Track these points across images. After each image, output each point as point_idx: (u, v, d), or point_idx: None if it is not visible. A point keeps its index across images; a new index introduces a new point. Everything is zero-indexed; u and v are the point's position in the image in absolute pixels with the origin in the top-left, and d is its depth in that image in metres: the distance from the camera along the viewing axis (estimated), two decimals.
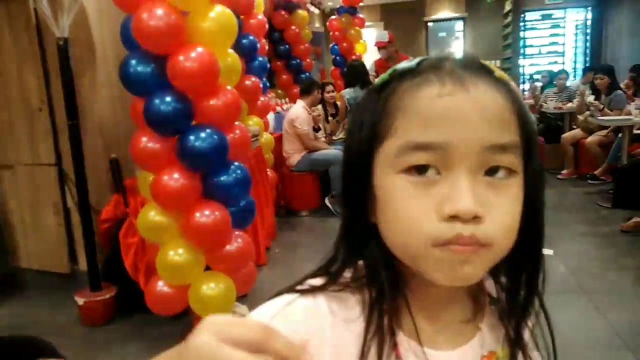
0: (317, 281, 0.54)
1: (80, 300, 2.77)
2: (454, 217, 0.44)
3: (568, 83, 6.87)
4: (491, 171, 0.46)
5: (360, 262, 0.54)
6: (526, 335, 0.56)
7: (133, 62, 2.28)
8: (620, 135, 4.78)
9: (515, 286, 0.54)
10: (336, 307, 0.51)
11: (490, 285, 0.57)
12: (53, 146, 3.11)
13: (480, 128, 0.45)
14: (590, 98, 5.31)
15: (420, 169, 0.46)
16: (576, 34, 10.77)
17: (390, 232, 0.49)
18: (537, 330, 0.57)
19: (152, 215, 2.39)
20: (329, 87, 5.46)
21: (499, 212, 0.45)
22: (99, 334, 2.72)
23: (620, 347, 2.39)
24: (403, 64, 0.50)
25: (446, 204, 0.44)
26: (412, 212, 0.46)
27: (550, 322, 0.57)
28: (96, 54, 3.09)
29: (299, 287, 0.53)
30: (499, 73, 0.49)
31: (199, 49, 2.26)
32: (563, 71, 7.11)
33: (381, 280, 0.50)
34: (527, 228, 0.49)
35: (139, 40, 2.23)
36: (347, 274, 0.54)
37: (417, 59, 0.50)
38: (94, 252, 2.84)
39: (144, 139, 2.35)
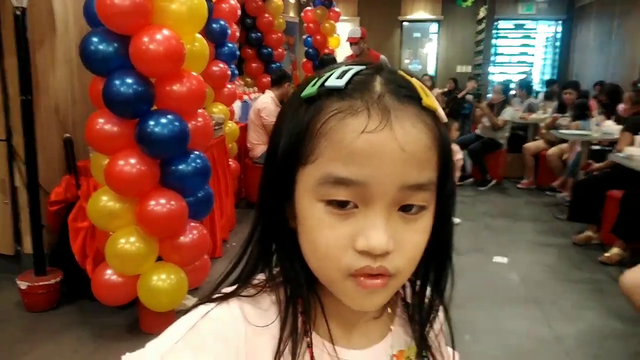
0: (229, 288, 0.54)
1: (23, 284, 2.64)
2: (365, 251, 0.45)
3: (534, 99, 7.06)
4: (404, 207, 0.47)
5: (274, 263, 0.55)
6: (432, 335, 0.59)
7: (95, 39, 2.18)
8: (579, 150, 4.91)
9: (423, 290, 0.57)
10: (251, 311, 0.51)
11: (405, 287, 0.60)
12: (4, 121, 2.94)
13: (400, 168, 0.45)
14: (562, 120, 5.42)
15: (340, 203, 0.46)
16: (546, 46, 11.04)
17: (307, 254, 0.50)
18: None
19: (104, 201, 2.29)
20: None
21: (408, 245, 0.47)
22: (42, 320, 2.60)
23: (563, 357, 2.45)
24: (332, 81, 0.46)
25: (360, 239, 0.45)
26: (329, 242, 0.46)
27: (451, 328, 0.60)
28: (57, 28, 2.94)
29: (213, 296, 0.52)
30: (426, 101, 0.47)
31: (165, 32, 2.18)
32: (523, 85, 7.29)
33: (297, 279, 0.51)
34: (436, 243, 0.51)
35: (102, 17, 2.13)
36: (261, 276, 0.54)
37: (348, 75, 0.47)
38: (40, 235, 2.71)
39: (101, 120, 2.25)
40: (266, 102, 4.63)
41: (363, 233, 0.45)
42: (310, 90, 0.47)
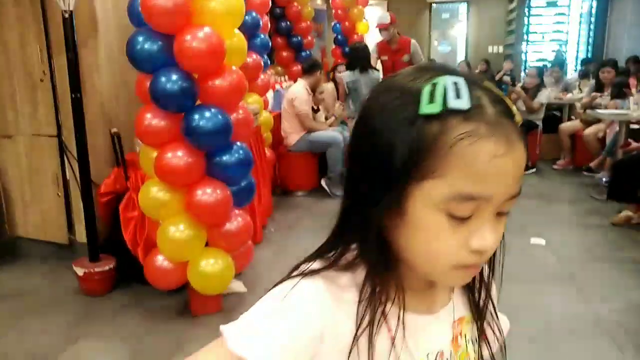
0: (316, 265, 0.60)
1: (80, 271, 2.82)
2: (477, 250, 0.53)
3: (568, 75, 6.88)
4: (499, 213, 0.54)
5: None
6: (487, 304, 0.68)
7: (140, 39, 2.29)
8: (617, 129, 4.82)
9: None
10: (332, 286, 0.57)
11: None
12: (54, 118, 3.11)
13: (512, 183, 0.52)
14: (600, 100, 5.31)
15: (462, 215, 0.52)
16: (580, 23, 10.71)
17: (415, 251, 0.55)
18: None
19: (154, 192, 2.42)
20: (341, 68, 5.44)
21: (498, 242, 0.56)
22: (97, 305, 2.77)
23: (602, 334, 2.48)
24: (455, 102, 0.50)
25: (474, 242, 0.53)
26: (443, 245, 0.53)
27: (493, 302, 0.69)
28: (98, 27, 3.07)
29: (298, 272, 0.59)
30: (517, 118, 0.54)
31: (206, 30, 2.27)
32: (556, 64, 7.11)
33: (380, 259, 0.57)
34: None
35: (146, 18, 2.23)
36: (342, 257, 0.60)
37: (465, 95, 0.50)
38: (93, 224, 2.88)
39: (149, 115, 2.37)
40: (299, 92, 4.70)
41: (477, 236, 0.52)
42: (432, 108, 0.50)
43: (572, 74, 8.26)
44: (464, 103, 0.50)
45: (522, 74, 9.32)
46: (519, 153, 0.51)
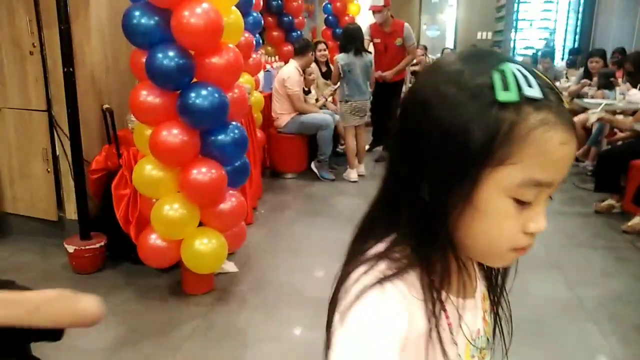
0: (375, 265, 0.59)
1: (70, 248, 2.79)
2: (532, 233, 0.56)
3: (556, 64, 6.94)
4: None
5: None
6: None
7: (137, 13, 2.24)
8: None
9: None
10: (404, 288, 0.57)
11: None
12: (44, 92, 3.05)
13: (568, 169, 0.56)
14: (587, 90, 5.36)
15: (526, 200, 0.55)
16: (568, 12, 10.77)
17: (477, 238, 0.57)
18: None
19: (149, 169, 2.40)
20: (321, 46, 5.40)
21: None
22: (88, 282, 2.76)
23: (585, 320, 2.55)
24: (530, 91, 0.52)
25: (531, 225, 0.56)
26: (506, 229, 0.56)
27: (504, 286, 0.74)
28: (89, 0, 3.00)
29: (376, 276, 0.57)
30: (566, 104, 0.56)
31: (204, 5, 2.23)
32: (547, 54, 7.16)
33: (437, 246, 0.58)
34: None
35: None
36: (380, 247, 0.61)
37: (535, 84, 0.52)
38: (85, 201, 2.85)
39: (144, 92, 2.34)
40: (291, 72, 4.67)
41: (534, 220, 0.55)
42: (509, 96, 0.52)
43: (559, 62, 8.32)
44: (537, 92, 0.52)
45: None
46: (575, 140, 0.54)
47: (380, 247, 0.61)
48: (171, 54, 2.23)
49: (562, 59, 8.67)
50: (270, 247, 3.37)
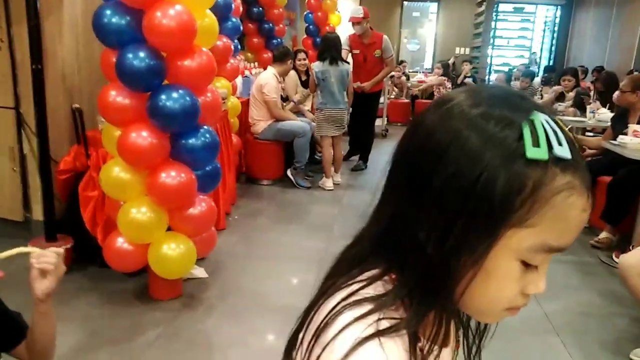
0: (361, 302, 0.53)
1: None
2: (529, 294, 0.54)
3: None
4: None
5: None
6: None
7: (108, 12, 2.21)
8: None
9: None
10: (399, 341, 0.52)
11: None
12: (12, 89, 2.97)
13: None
14: (563, 106, 5.48)
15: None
16: (544, 31, 11.06)
17: (475, 296, 0.53)
18: None
19: (116, 172, 2.36)
20: (301, 55, 5.41)
21: None
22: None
23: (550, 332, 2.58)
24: (560, 150, 0.48)
25: (531, 287, 0.53)
26: (507, 290, 0.52)
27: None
28: None
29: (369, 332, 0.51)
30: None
31: (177, 7, 2.21)
32: (527, 74, 7.32)
33: (441, 298, 0.54)
34: None
35: None
36: (377, 288, 0.55)
37: (565, 143, 0.48)
38: (51, 202, 2.78)
39: (113, 92, 2.30)
40: (268, 79, 4.66)
41: (535, 283, 0.52)
42: (540, 154, 0.47)
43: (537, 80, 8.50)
44: (566, 151, 0.48)
45: (487, 77, 9.57)
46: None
47: (371, 289, 0.54)
48: (142, 54, 2.20)
49: (537, 75, 8.88)
50: (241, 253, 3.33)
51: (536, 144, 0.47)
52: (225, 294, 2.75)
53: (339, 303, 0.53)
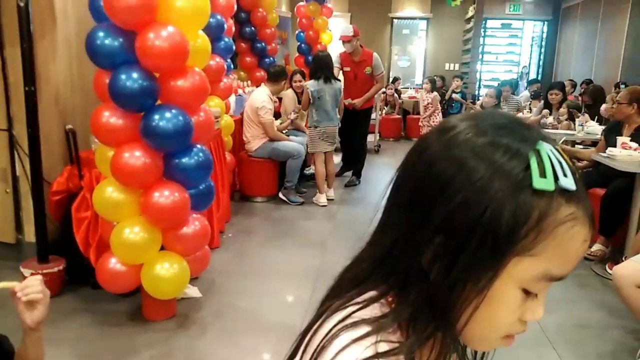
0: (366, 312, 0.54)
1: (26, 272, 2.69)
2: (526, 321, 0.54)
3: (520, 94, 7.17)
4: None
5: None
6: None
7: (100, 34, 2.24)
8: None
9: None
10: None
11: None
12: (5, 111, 2.98)
13: None
14: (550, 119, 5.55)
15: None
16: (532, 46, 11.23)
17: (476, 323, 0.52)
18: None
19: (109, 192, 2.36)
20: (297, 77, 5.45)
21: None
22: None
23: (546, 345, 2.58)
24: (566, 182, 0.48)
25: (528, 314, 0.53)
26: (507, 318, 0.53)
27: None
28: (56, 18, 2.97)
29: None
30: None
31: (170, 28, 2.24)
32: (506, 83, 7.39)
33: (446, 324, 0.53)
34: None
35: (109, 13, 2.19)
36: (373, 311, 0.55)
37: (571, 175, 0.49)
38: (44, 224, 2.76)
39: (107, 113, 2.31)
40: (263, 101, 4.66)
41: (533, 310, 0.53)
42: (546, 185, 0.48)
43: (524, 93, 8.61)
44: (571, 183, 0.49)
45: (477, 92, 9.68)
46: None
47: (368, 311, 0.54)
48: (135, 75, 2.22)
49: (526, 88, 9.00)
50: (235, 271, 3.32)
51: (543, 174, 0.48)
52: (220, 314, 2.73)
53: (335, 325, 0.53)
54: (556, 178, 0.48)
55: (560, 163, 0.49)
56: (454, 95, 8.12)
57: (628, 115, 3.82)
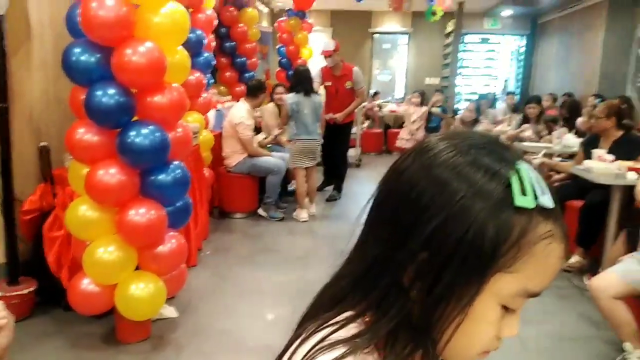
0: (341, 333, 0.53)
1: None
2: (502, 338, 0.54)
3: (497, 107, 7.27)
4: None
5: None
6: None
7: (77, 50, 2.20)
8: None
9: None
10: None
11: None
12: None
13: None
14: (528, 133, 5.62)
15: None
16: (510, 60, 11.43)
17: (454, 341, 0.52)
18: None
19: (83, 210, 2.30)
20: (279, 89, 5.44)
21: None
22: (15, 331, 2.56)
23: (525, 357, 2.57)
24: (545, 200, 0.50)
25: (506, 330, 0.54)
26: (486, 334, 0.53)
27: None
28: (32, 34, 2.92)
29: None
30: None
31: (148, 44, 2.22)
32: (483, 96, 7.50)
33: (423, 340, 0.53)
34: None
35: (85, 29, 2.15)
36: (350, 331, 0.54)
37: (548, 194, 0.51)
38: (14, 244, 2.68)
39: (82, 129, 2.27)
40: (242, 117, 4.62)
41: (510, 326, 0.53)
42: (527, 202, 0.49)
43: (501, 106, 8.73)
44: (549, 201, 0.50)
45: (455, 106, 9.79)
46: None
47: (344, 331, 0.53)
48: (111, 91, 2.19)
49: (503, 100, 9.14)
50: (213, 290, 3.26)
51: (523, 193, 0.49)
52: (197, 334, 2.67)
53: (312, 348, 0.52)
54: (535, 197, 0.49)
55: (539, 182, 0.50)
56: (432, 109, 8.19)
57: (606, 128, 3.88)
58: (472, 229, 0.48)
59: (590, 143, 4.05)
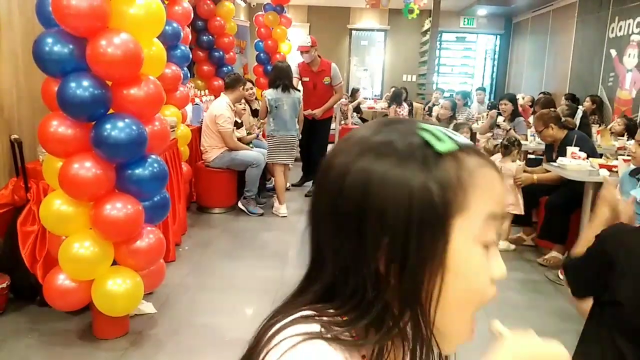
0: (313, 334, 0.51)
1: None
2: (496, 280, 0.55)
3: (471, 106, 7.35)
4: None
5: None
6: None
7: (49, 40, 2.15)
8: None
9: None
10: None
11: None
12: None
13: None
14: (500, 119, 5.72)
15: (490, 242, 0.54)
16: (485, 59, 11.60)
17: (453, 299, 0.52)
18: None
19: (57, 205, 2.25)
20: (248, 85, 5.41)
21: None
22: None
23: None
24: (464, 140, 0.54)
25: (496, 270, 0.54)
26: (484, 282, 0.54)
27: None
28: (0, 26, 2.83)
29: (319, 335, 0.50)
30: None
31: (123, 35, 2.18)
32: (458, 92, 7.58)
33: (397, 323, 0.52)
34: None
35: (58, 18, 2.10)
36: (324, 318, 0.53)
37: (460, 134, 0.56)
38: None
39: (55, 122, 2.21)
40: (222, 109, 4.60)
41: (497, 265, 0.54)
42: (449, 145, 0.52)
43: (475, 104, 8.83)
44: (465, 139, 0.55)
45: (432, 103, 9.88)
46: None
47: (321, 315, 0.53)
48: (85, 83, 2.14)
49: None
50: (192, 285, 3.23)
51: (440, 140, 0.52)
52: (176, 330, 2.64)
53: (282, 326, 0.52)
54: (451, 140, 0.53)
55: (447, 130, 0.54)
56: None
57: (552, 135, 4.04)
58: (415, 193, 0.49)
59: (548, 150, 4.27)
